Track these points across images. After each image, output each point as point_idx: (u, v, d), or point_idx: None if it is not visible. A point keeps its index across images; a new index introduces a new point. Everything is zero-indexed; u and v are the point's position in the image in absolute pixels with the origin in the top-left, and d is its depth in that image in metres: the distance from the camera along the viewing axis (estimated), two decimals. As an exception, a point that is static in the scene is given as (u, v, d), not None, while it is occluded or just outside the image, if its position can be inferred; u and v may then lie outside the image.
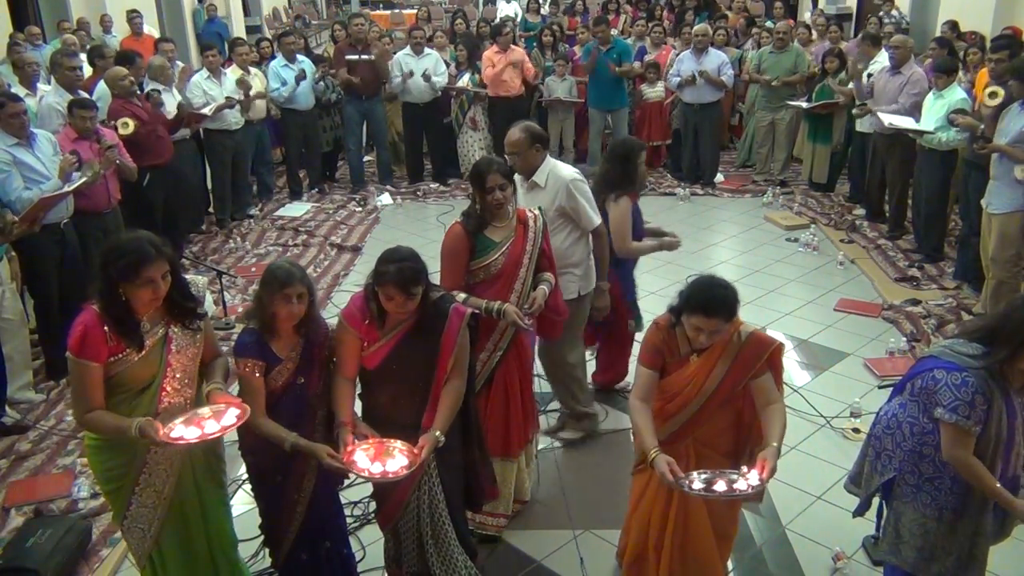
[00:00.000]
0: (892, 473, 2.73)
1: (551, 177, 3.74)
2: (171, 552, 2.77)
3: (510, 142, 3.74)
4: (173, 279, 2.57)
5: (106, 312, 2.50)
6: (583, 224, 3.78)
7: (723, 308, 2.60)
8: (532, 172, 3.75)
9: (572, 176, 3.75)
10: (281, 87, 7.74)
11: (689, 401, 2.74)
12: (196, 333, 2.69)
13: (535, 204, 3.62)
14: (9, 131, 4.53)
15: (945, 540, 2.66)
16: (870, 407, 4.32)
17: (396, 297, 2.66)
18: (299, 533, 2.91)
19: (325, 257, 6.83)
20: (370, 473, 2.63)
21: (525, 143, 3.70)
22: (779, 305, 5.73)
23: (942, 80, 5.91)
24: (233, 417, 2.54)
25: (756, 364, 2.69)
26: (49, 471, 4.06)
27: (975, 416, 2.47)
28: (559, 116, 8.54)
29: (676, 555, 2.86)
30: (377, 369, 2.79)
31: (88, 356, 2.48)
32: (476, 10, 16.38)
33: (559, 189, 3.71)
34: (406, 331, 2.77)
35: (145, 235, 2.56)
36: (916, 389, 2.66)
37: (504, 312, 3.18)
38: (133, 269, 2.45)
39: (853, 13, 14.06)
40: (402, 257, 2.67)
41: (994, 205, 5.06)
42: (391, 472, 2.61)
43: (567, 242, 3.78)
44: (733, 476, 2.56)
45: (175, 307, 2.62)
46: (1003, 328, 2.50)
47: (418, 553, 2.96)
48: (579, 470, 3.97)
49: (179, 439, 2.47)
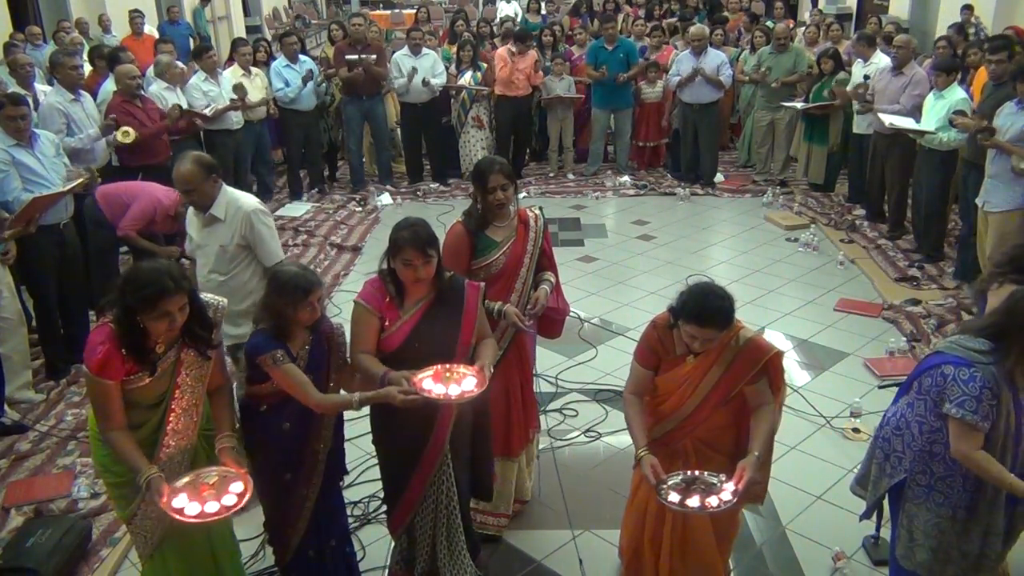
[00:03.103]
0: (903, 475, 2.70)
1: (231, 208, 3.51)
2: (173, 544, 2.77)
3: (182, 178, 3.46)
4: (192, 308, 2.57)
5: (122, 335, 2.52)
6: (262, 257, 3.56)
7: (718, 318, 2.60)
8: (209, 205, 3.51)
9: (254, 206, 3.55)
10: (284, 87, 7.74)
11: (683, 402, 2.75)
12: (207, 359, 2.71)
13: (214, 240, 3.46)
14: (9, 132, 4.53)
15: (959, 539, 2.64)
16: (870, 407, 4.33)
17: (414, 260, 2.70)
18: (306, 530, 2.92)
19: (325, 257, 6.83)
20: (447, 396, 2.63)
21: (199, 175, 3.45)
22: (779, 305, 5.73)
23: (942, 79, 5.90)
24: (233, 498, 2.52)
25: (752, 371, 2.68)
26: (49, 471, 4.05)
27: (982, 411, 2.46)
28: (558, 115, 8.55)
29: (676, 552, 2.87)
30: (399, 349, 2.80)
31: (107, 375, 2.51)
32: (476, 10, 16.38)
33: (240, 220, 3.50)
34: (427, 306, 2.81)
35: (165, 267, 2.54)
36: (923, 387, 2.64)
37: (504, 313, 3.18)
38: (150, 302, 2.45)
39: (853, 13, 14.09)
40: (413, 223, 2.76)
41: (991, 203, 5.05)
42: (467, 391, 2.65)
43: (253, 280, 3.58)
44: (712, 481, 2.62)
45: (191, 334, 2.64)
46: (1011, 323, 2.50)
47: (431, 553, 2.97)
48: (580, 470, 3.97)
49: (179, 511, 2.46)
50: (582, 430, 4.30)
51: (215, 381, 2.78)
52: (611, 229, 7.37)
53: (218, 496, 2.51)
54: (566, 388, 4.69)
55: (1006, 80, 5.32)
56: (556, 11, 12.97)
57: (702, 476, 2.64)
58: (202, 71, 7.11)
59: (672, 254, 6.75)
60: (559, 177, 8.83)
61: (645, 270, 6.45)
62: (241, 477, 2.58)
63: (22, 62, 6.17)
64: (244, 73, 7.54)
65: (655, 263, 6.56)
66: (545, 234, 3.43)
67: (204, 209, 3.52)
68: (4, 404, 4.44)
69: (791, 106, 7.89)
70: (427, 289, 2.81)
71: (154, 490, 2.47)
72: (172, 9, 12.47)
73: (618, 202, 8.18)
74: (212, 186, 3.50)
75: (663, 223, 7.50)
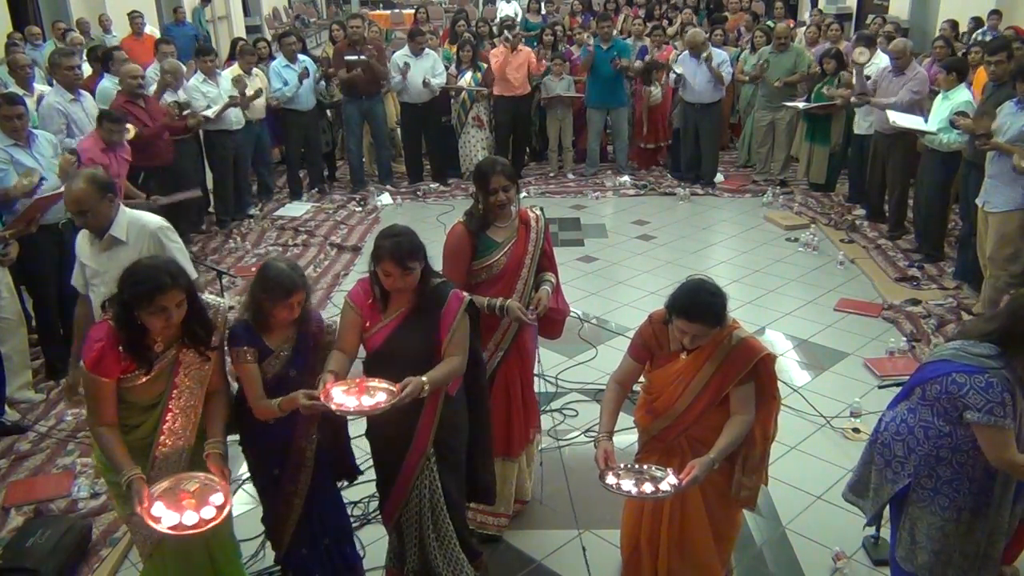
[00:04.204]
0: (907, 480, 2.68)
1: (134, 228, 3.27)
2: (172, 555, 2.78)
3: (74, 199, 3.18)
4: (190, 306, 2.58)
5: (121, 332, 2.53)
6: None
7: (706, 314, 2.60)
8: (107, 227, 3.24)
9: (159, 223, 3.36)
10: (283, 87, 7.74)
11: (675, 399, 2.75)
12: (206, 361, 2.71)
13: (116, 264, 3.02)
14: (6, 132, 4.53)
15: (962, 541, 2.64)
16: (870, 407, 4.33)
17: (392, 272, 2.70)
18: (298, 527, 2.94)
19: (325, 257, 6.83)
20: (343, 407, 2.57)
21: (93, 195, 3.16)
22: (779, 305, 5.73)
23: (948, 80, 5.88)
24: (212, 511, 2.46)
25: (742, 371, 2.68)
26: (49, 471, 4.05)
27: (1009, 413, 2.44)
28: (558, 115, 8.55)
29: (674, 550, 2.87)
30: (378, 351, 2.82)
31: (101, 373, 2.52)
32: (476, 10, 16.38)
33: (147, 240, 3.27)
34: (406, 313, 2.81)
35: (163, 262, 2.58)
36: (930, 394, 2.60)
37: (508, 308, 3.17)
38: (147, 297, 2.47)
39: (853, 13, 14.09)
40: (398, 232, 2.75)
41: (991, 203, 5.05)
42: (367, 406, 2.57)
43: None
44: (659, 475, 2.66)
45: (189, 332, 2.64)
46: (1015, 327, 2.49)
47: (420, 551, 2.97)
48: (580, 470, 3.97)
49: (157, 519, 2.42)
50: (582, 430, 4.30)
51: (213, 384, 2.77)
52: (611, 229, 7.37)
53: (198, 506, 2.46)
54: (566, 388, 4.69)
55: (1007, 80, 5.32)
56: (556, 11, 12.96)
57: (650, 469, 2.70)
58: (200, 72, 7.12)
59: (672, 254, 6.75)
60: (559, 177, 8.83)
61: (645, 270, 6.45)
62: (222, 488, 2.53)
63: (22, 62, 6.17)
64: (243, 73, 7.54)
65: (655, 263, 6.56)
66: (546, 234, 3.42)
67: (100, 232, 3.23)
68: (4, 404, 4.44)
69: (793, 105, 7.89)
70: (409, 296, 2.81)
71: (135, 492, 2.46)
72: (178, 10, 12.48)
73: (618, 202, 8.18)
74: (108, 207, 3.22)
75: (663, 223, 7.50)
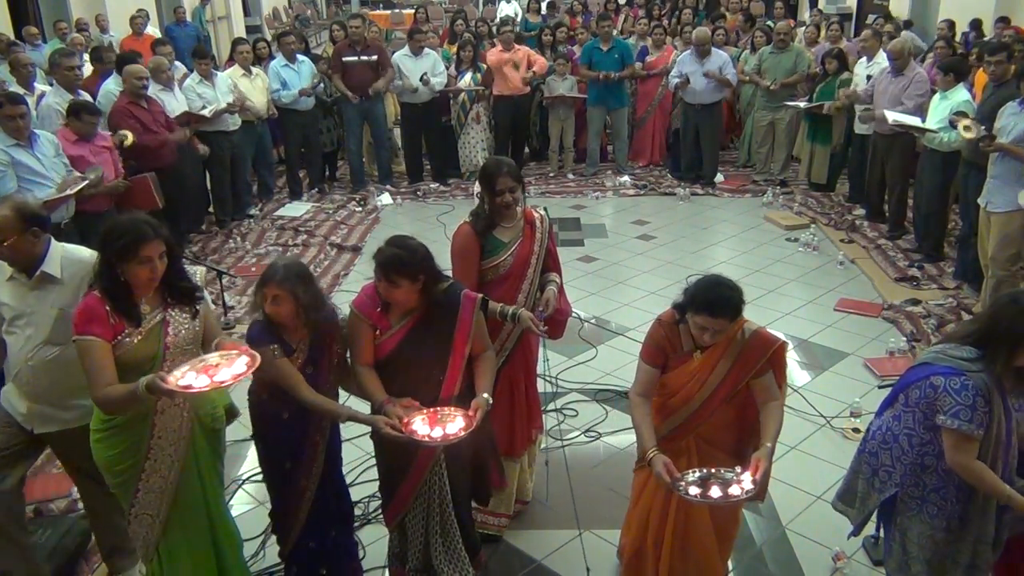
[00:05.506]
0: (893, 489, 2.68)
1: (68, 264, 2.89)
2: (176, 541, 2.78)
3: None
4: (170, 261, 2.61)
5: (105, 294, 2.54)
6: None
7: (729, 308, 2.61)
8: (32, 265, 2.83)
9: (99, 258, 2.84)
10: (281, 88, 7.74)
11: (691, 397, 2.75)
12: (195, 318, 2.71)
13: (46, 304, 2.82)
14: (7, 132, 4.53)
15: (952, 549, 2.63)
16: (870, 407, 4.31)
17: (380, 282, 2.72)
18: (307, 520, 2.95)
19: (325, 257, 6.83)
20: (431, 438, 2.66)
21: (14, 226, 2.76)
22: (779, 305, 5.73)
23: (946, 80, 5.89)
24: (243, 365, 2.48)
25: (758, 363, 2.69)
26: (49, 471, 4.05)
27: (977, 420, 2.45)
28: (560, 115, 8.56)
29: (676, 552, 2.87)
30: (391, 356, 2.82)
31: (94, 332, 2.49)
32: (476, 10, 16.39)
33: (84, 277, 2.82)
34: (417, 319, 2.81)
35: (142, 216, 2.62)
36: (912, 400, 2.61)
37: (519, 317, 3.17)
38: (131, 248, 2.49)
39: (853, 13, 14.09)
40: (396, 244, 2.74)
41: (994, 203, 5.04)
42: (451, 435, 2.65)
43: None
44: (728, 476, 2.57)
45: (173, 291, 2.67)
46: (995, 329, 2.49)
47: (423, 550, 2.97)
48: (580, 470, 3.97)
49: (187, 388, 2.39)
50: (582, 430, 4.30)
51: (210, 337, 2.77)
52: (611, 229, 7.37)
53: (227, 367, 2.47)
54: (566, 388, 4.69)
55: (1007, 80, 5.32)
56: (556, 11, 12.96)
57: (717, 472, 2.61)
58: (197, 73, 7.11)
59: (672, 254, 6.75)
60: (559, 177, 8.83)
61: (645, 270, 6.45)
62: (246, 352, 2.52)
63: (23, 62, 6.18)
64: (244, 73, 7.54)
65: (655, 263, 6.56)
66: (551, 234, 3.44)
67: (26, 268, 2.84)
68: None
69: (794, 105, 7.89)
70: (416, 303, 2.80)
71: (155, 382, 2.35)
72: (178, 10, 12.49)
73: (618, 202, 8.19)
74: (32, 243, 2.80)
75: (663, 223, 7.50)
